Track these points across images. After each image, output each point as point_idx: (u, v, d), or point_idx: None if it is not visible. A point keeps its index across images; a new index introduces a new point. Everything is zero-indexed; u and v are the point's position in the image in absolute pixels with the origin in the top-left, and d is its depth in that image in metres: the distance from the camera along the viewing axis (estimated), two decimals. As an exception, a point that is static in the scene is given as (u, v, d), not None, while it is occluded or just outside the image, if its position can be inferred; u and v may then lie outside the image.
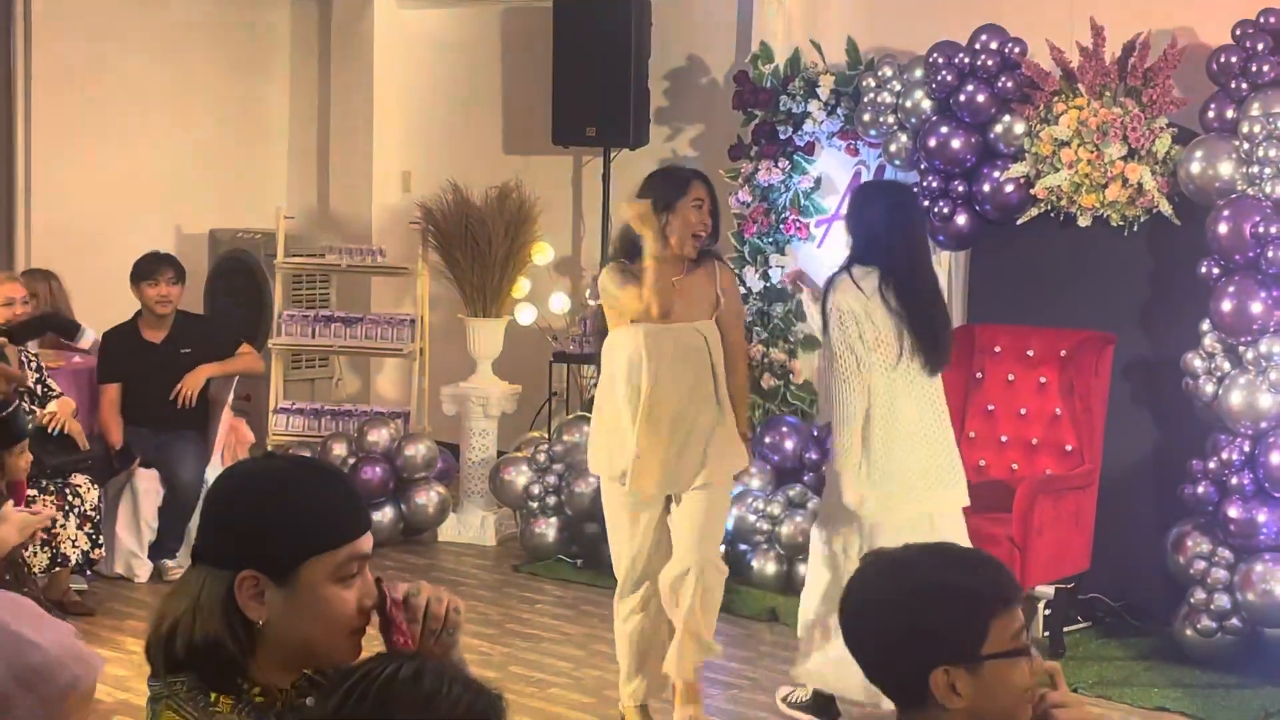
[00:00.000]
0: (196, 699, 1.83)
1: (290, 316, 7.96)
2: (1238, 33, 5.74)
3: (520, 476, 7.12)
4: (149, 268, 6.77)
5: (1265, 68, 5.66)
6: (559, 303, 7.89)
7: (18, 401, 2.80)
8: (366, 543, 1.90)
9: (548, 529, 7.02)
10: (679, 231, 4.70)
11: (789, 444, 6.80)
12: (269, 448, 7.55)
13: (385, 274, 8.25)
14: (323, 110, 9.29)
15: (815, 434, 6.84)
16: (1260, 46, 5.69)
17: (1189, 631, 5.64)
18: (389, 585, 1.90)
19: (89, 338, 6.79)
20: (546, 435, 7.33)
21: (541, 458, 7.07)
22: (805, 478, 6.74)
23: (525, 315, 7.82)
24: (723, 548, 6.68)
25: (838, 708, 5.00)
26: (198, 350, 6.84)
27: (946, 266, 6.90)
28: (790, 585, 6.52)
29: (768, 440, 6.84)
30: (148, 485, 6.66)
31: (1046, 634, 5.89)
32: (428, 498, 7.35)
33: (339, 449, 7.39)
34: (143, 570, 6.68)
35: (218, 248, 8.72)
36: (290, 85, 9.40)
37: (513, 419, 7.92)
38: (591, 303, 7.68)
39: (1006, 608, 2.01)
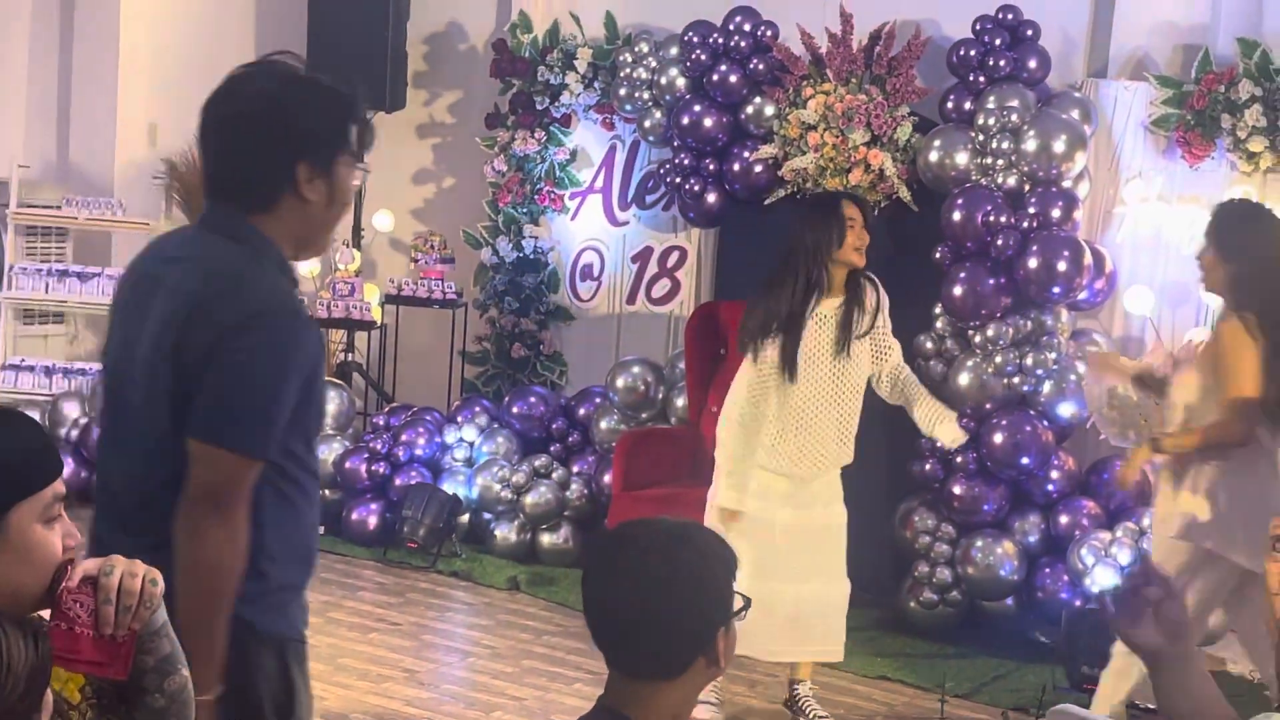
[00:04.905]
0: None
1: (23, 269, 7.64)
2: (977, 27, 5.97)
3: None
4: None
5: (1002, 62, 5.88)
6: (307, 266, 7.72)
7: None
8: (61, 483, 1.88)
9: (289, 495, 6.88)
10: None
11: (538, 413, 6.81)
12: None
13: (126, 228, 7.96)
14: (64, 57, 8.90)
15: (563, 404, 6.87)
16: (998, 41, 5.92)
17: (913, 603, 5.86)
18: (72, 567, 1.85)
19: None
20: (291, 400, 7.19)
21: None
22: (551, 448, 6.76)
23: (273, 277, 7.63)
24: (466, 518, 6.71)
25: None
26: (-81, 301, 6.52)
27: (696, 244, 7.01)
28: (533, 555, 6.54)
29: (515, 410, 6.84)
30: None
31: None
32: (164, 461, 7.13)
33: (70, 408, 7.13)
34: None
35: (-54, 195, 8.30)
36: (30, 30, 8.98)
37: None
38: (341, 267, 7.56)
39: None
